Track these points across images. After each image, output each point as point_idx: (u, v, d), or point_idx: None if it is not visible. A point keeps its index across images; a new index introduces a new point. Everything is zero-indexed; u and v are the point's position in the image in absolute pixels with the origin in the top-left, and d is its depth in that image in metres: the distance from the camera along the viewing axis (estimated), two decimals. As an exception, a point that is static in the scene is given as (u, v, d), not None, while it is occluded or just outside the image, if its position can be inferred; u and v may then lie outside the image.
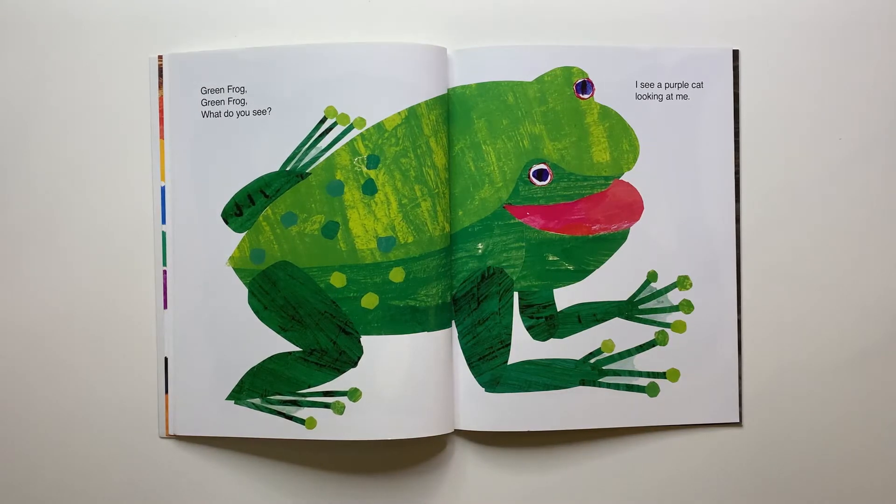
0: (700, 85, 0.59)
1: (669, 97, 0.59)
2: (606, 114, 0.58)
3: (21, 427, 0.60)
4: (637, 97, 0.59)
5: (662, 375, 0.59)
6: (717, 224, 0.59)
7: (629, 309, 0.59)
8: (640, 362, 0.59)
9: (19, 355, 0.60)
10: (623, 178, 0.59)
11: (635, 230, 0.59)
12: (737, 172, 0.59)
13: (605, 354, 0.58)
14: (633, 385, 0.59)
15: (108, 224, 0.59)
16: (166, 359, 0.59)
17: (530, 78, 0.58)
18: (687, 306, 0.59)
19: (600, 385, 0.58)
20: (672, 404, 0.59)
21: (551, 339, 0.58)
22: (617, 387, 0.58)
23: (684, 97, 0.59)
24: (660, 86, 0.59)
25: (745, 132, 0.60)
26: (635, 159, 0.59)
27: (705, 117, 0.59)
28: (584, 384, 0.58)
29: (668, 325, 0.59)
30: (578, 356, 0.58)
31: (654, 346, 0.59)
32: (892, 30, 0.60)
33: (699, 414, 0.59)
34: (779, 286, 0.60)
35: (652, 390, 0.59)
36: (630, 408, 0.59)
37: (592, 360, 0.58)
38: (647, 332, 0.59)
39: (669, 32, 0.60)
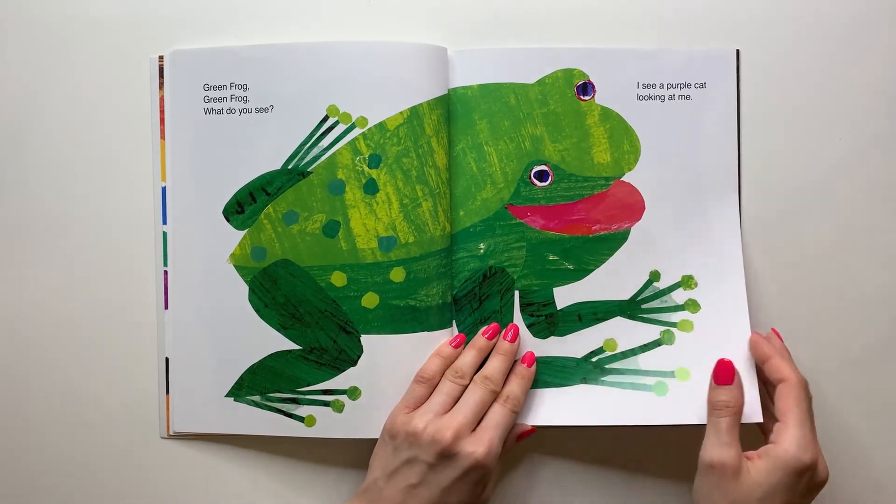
0: (703, 85, 0.59)
1: (672, 98, 0.59)
2: (607, 115, 0.58)
3: (22, 427, 0.60)
4: (639, 98, 0.59)
5: (671, 374, 0.58)
6: (721, 224, 0.59)
7: (631, 308, 0.59)
8: (646, 361, 0.58)
9: (20, 355, 0.60)
10: (624, 178, 0.59)
11: (636, 230, 0.59)
12: (739, 172, 0.59)
13: (608, 353, 0.58)
14: (638, 384, 0.58)
15: (109, 225, 0.60)
16: (167, 359, 0.59)
17: (531, 80, 0.58)
18: (693, 305, 0.58)
19: (603, 384, 0.58)
20: (683, 403, 0.57)
21: (552, 337, 0.58)
22: (621, 385, 0.58)
23: (687, 97, 0.59)
24: (662, 87, 0.59)
25: (748, 132, 0.60)
26: (636, 160, 0.59)
27: (709, 117, 0.59)
28: (585, 382, 0.58)
29: (674, 325, 0.58)
30: (579, 354, 0.58)
31: (659, 345, 0.58)
32: (894, 29, 0.60)
33: None
34: (787, 285, 0.60)
35: (659, 389, 0.58)
36: (636, 406, 0.57)
37: (594, 359, 0.58)
38: (651, 332, 0.58)
39: (671, 33, 0.60)
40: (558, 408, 0.58)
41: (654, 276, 0.59)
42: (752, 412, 0.56)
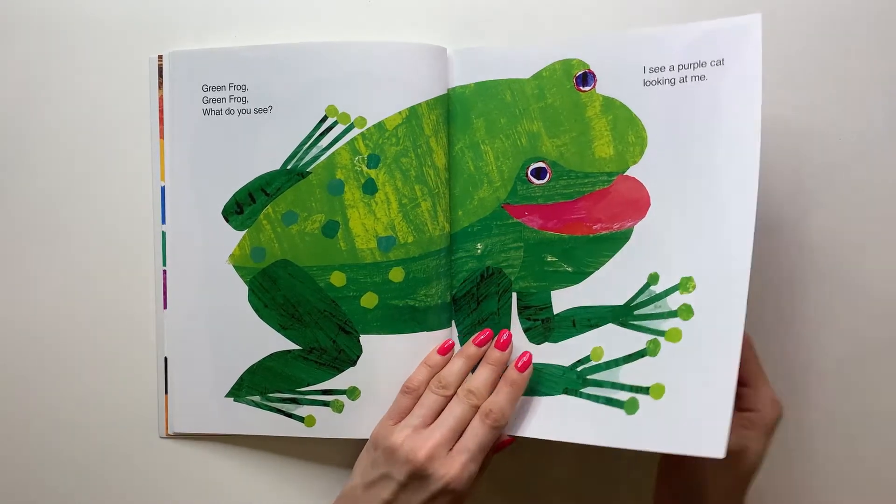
0: (720, 62, 0.51)
1: (683, 80, 0.52)
2: (610, 105, 0.55)
3: (21, 427, 0.61)
4: (645, 84, 0.54)
5: (645, 391, 0.52)
6: (735, 222, 0.50)
7: (624, 314, 0.54)
8: (626, 374, 0.53)
9: (20, 355, 0.60)
10: (629, 172, 0.54)
11: (639, 229, 0.54)
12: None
13: (592, 363, 0.54)
14: (612, 399, 0.53)
15: (108, 224, 0.60)
16: (166, 359, 0.59)
17: (528, 74, 0.56)
18: (686, 311, 0.51)
19: (581, 395, 0.54)
20: (649, 425, 0.51)
21: (545, 343, 0.56)
22: (597, 399, 0.53)
23: (701, 78, 0.52)
24: (671, 69, 0.53)
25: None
26: (642, 152, 0.54)
27: (727, 99, 0.51)
28: (566, 393, 0.55)
29: (662, 334, 0.52)
30: (568, 363, 0.55)
31: (643, 356, 0.53)
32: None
33: (678, 441, 0.49)
34: (786, 284, 0.59)
35: (630, 407, 0.52)
36: (604, 424, 0.52)
37: (579, 369, 0.55)
38: (638, 341, 0.53)
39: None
40: (536, 419, 0.55)
41: (653, 278, 0.53)
42: (716, 447, 0.48)
